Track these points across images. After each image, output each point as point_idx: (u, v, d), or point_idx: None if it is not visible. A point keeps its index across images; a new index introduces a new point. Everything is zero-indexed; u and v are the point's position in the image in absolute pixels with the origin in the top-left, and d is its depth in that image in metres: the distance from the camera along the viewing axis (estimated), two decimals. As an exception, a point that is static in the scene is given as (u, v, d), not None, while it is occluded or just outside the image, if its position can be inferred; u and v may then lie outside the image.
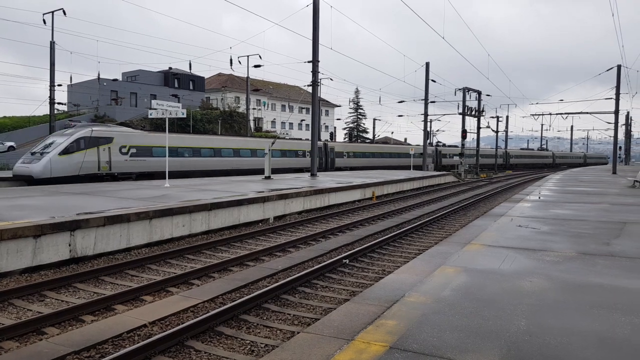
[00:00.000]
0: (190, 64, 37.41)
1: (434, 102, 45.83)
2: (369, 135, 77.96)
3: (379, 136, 70.87)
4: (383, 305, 4.81)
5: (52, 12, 30.72)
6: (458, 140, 46.19)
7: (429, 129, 46.83)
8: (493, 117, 60.53)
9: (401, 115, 55.53)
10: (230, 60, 35.81)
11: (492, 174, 53.50)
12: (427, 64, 42.50)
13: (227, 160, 28.56)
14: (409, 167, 42.78)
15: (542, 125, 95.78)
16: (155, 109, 16.76)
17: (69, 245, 8.78)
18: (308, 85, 26.23)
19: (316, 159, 25.78)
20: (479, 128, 48.05)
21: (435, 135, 56.44)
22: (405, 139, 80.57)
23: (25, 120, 45.99)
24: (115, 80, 49.50)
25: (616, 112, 36.37)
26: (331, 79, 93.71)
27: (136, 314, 6.13)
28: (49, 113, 32.76)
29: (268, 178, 22.07)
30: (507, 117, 75.48)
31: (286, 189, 16.62)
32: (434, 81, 43.33)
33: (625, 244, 8.06)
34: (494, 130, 57.16)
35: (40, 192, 14.17)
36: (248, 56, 39.52)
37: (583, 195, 17.88)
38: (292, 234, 12.44)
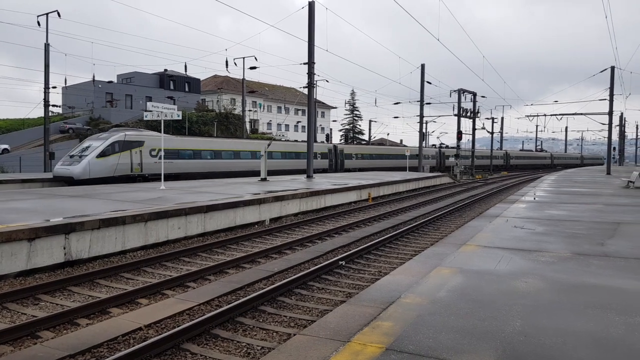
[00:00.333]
0: (185, 66, 37.14)
1: (430, 104, 46.00)
2: (365, 137, 78.00)
3: (374, 138, 70.87)
4: (379, 306, 4.82)
5: (47, 14, 30.56)
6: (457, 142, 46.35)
7: (424, 130, 47.01)
8: (488, 119, 60.76)
9: (397, 117, 55.83)
10: (226, 62, 35.59)
11: (488, 175, 53.66)
12: (423, 66, 42.64)
13: (245, 162, 29.94)
14: (411, 168, 43.12)
15: (537, 126, 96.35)
16: (150, 111, 16.69)
17: (64, 248, 8.74)
18: (304, 87, 26.25)
19: (312, 161, 25.86)
20: (474, 129, 48.22)
21: (436, 136, 56.84)
22: (401, 141, 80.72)
23: (19, 122, 45.82)
24: (110, 82, 49.27)
25: (610, 113, 36.61)
26: (327, 81, 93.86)
27: (132, 317, 6.11)
28: (43, 115, 32.58)
29: (264, 180, 22.07)
30: (502, 119, 75.86)
31: (282, 190, 16.62)
32: (430, 83, 43.52)
33: (620, 244, 8.11)
34: (489, 132, 57.38)
35: (35, 195, 14.11)
36: (244, 58, 39.53)
37: (577, 196, 17.97)
38: (288, 235, 12.44)
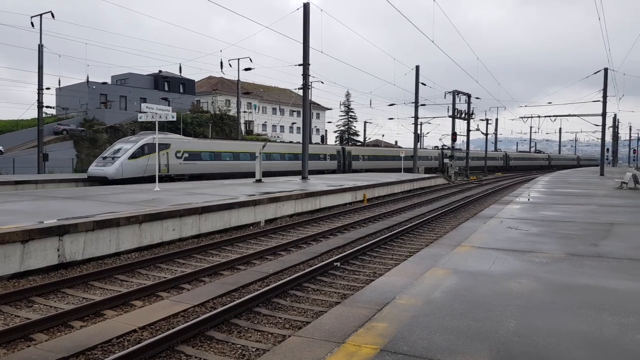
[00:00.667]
0: (180, 67, 36.91)
1: (424, 105, 46.22)
2: (360, 138, 78.01)
3: (369, 139, 70.88)
4: (374, 307, 4.82)
5: (40, 15, 30.43)
6: (457, 143, 46.53)
7: (419, 131, 47.21)
8: (483, 120, 61.12)
9: (392, 118, 55.71)
10: (221, 63, 35.55)
11: (482, 176, 53.85)
12: (417, 67, 42.75)
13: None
14: (413, 169, 43.38)
15: (531, 127, 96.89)
16: (145, 113, 16.66)
17: (58, 250, 8.69)
18: (299, 89, 26.26)
19: (307, 162, 25.84)
20: (468, 130, 48.40)
21: (438, 138, 57.22)
22: (396, 142, 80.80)
23: (12, 124, 45.48)
24: (104, 83, 49.11)
25: (603, 115, 36.86)
26: (322, 82, 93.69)
27: (126, 319, 6.08)
28: (37, 117, 32.41)
29: (259, 181, 22.04)
30: (497, 120, 76.46)
31: (277, 192, 16.62)
32: (424, 84, 43.65)
33: (613, 245, 8.17)
34: (483, 133, 57.66)
35: (29, 197, 14.03)
36: (239, 59, 39.47)
37: (571, 197, 18.07)
38: (284, 237, 12.43)
